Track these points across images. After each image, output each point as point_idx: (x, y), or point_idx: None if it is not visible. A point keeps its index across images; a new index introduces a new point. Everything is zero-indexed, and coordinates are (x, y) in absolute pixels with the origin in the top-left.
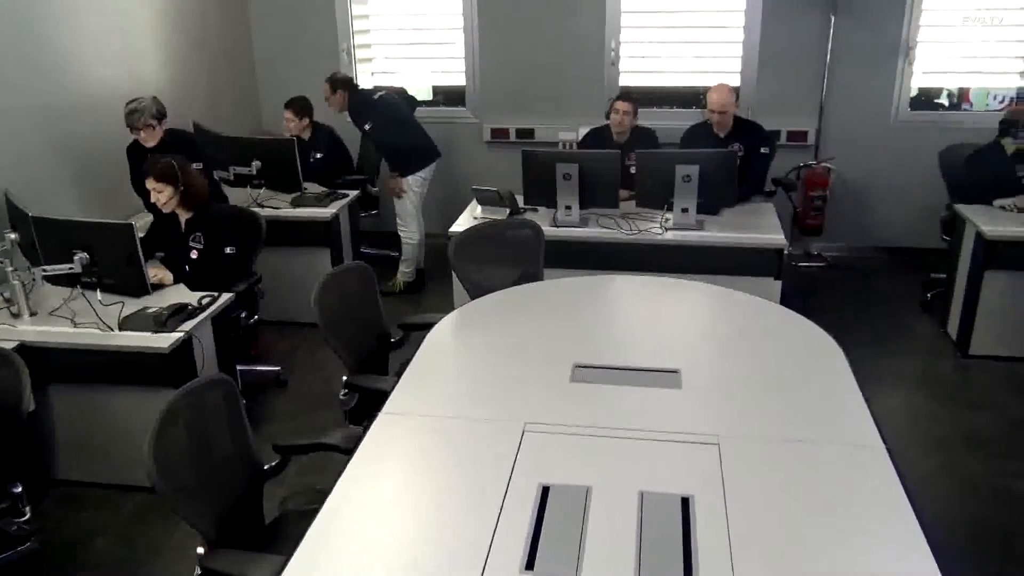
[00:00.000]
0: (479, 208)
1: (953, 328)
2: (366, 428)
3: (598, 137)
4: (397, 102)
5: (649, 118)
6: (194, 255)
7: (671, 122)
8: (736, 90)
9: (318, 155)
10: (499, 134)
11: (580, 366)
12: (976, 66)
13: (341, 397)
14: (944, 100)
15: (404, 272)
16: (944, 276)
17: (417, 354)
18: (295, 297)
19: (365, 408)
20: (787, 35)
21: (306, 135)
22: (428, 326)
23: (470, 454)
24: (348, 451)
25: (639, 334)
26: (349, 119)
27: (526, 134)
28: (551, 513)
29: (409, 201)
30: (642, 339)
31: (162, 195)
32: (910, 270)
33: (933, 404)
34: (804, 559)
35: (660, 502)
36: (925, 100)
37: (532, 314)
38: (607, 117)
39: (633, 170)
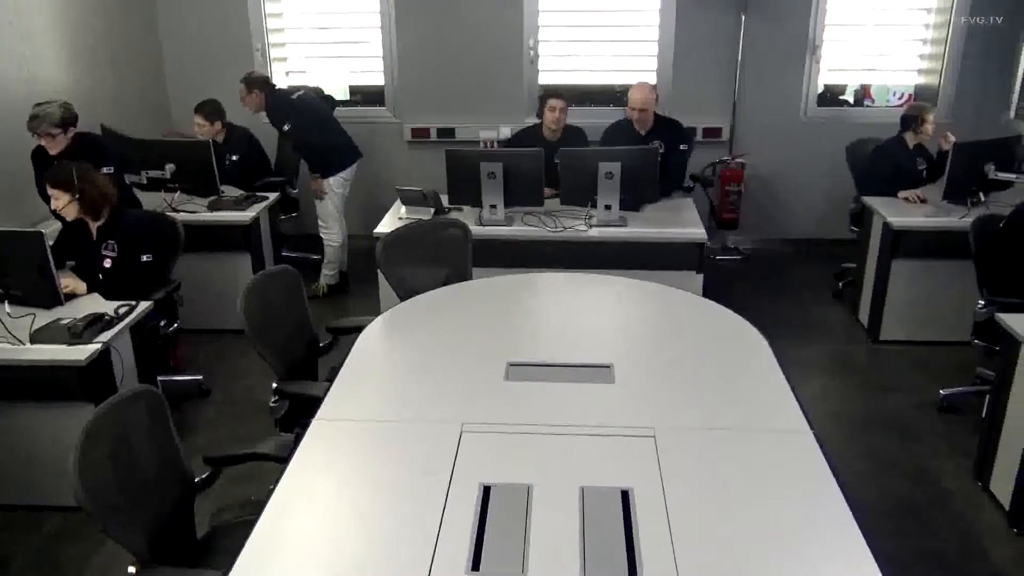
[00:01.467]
0: (403, 208)
1: (864, 315)
2: (299, 435)
3: (529, 136)
4: (316, 102)
5: (569, 116)
6: (107, 264)
7: (591, 120)
8: (654, 88)
9: (234, 157)
10: (420, 134)
11: (514, 364)
12: (877, 64)
13: (271, 404)
14: (848, 97)
15: (327, 275)
16: (854, 266)
17: (348, 358)
18: (215, 304)
19: (296, 415)
20: (700, 34)
21: (220, 138)
22: (358, 329)
23: (409, 457)
24: (283, 460)
25: (570, 330)
26: (266, 120)
27: (447, 133)
28: (494, 513)
29: (331, 202)
30: (573, 335)
31: (58, 202)
32: (821, 261)
33: (849, 388)
34: (742, 544)
35: (601, 496)
36: (830, 97)
37: (463, 314)
38: (538, 116)
39: None
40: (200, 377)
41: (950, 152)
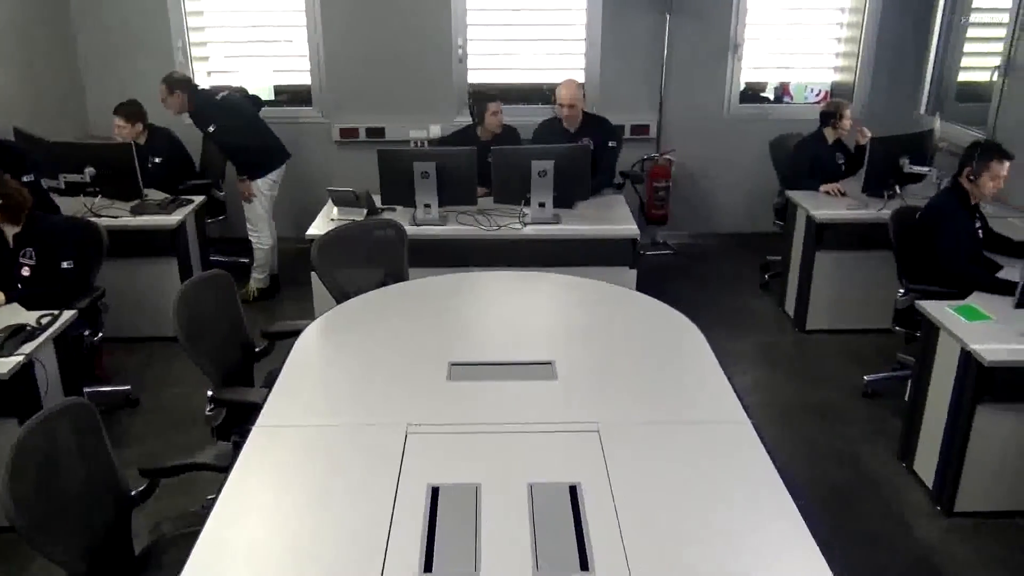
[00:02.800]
0: (335, 210)
1: (790, 306)
2: (237, 444)
3: (463, 136)
4: (242, 102)
5: None
6: (26, 272)
7: (520, 118)
8: (582, 85)
9: (156, 160)
10: (348, 134)
11: (456, 364)
12: (795, 62)
13: (207, 413)
14: (769, 94)
15: (257, 279)
16: (779, 258)
17: (287, 363)
18: (142, 311)
19: (233, 423)
20: (626, 33)
21: (141, 140)
22: (294, 333)
23: (354, 461)
24: (223, 469)
25: (509, 328)
26: (189, 121)
27: (376, 133)
28: (443, 513)
29: (260, 205)
30: (513, 333)
31: None
32: (748, 254)
33: (778, 377)
34: (688, 533)
35: (549, 492)
36: (752, 94)
37: (401, 315)
38: (473, 117)
39: None
40: (128, 387)
41: (868, 147)
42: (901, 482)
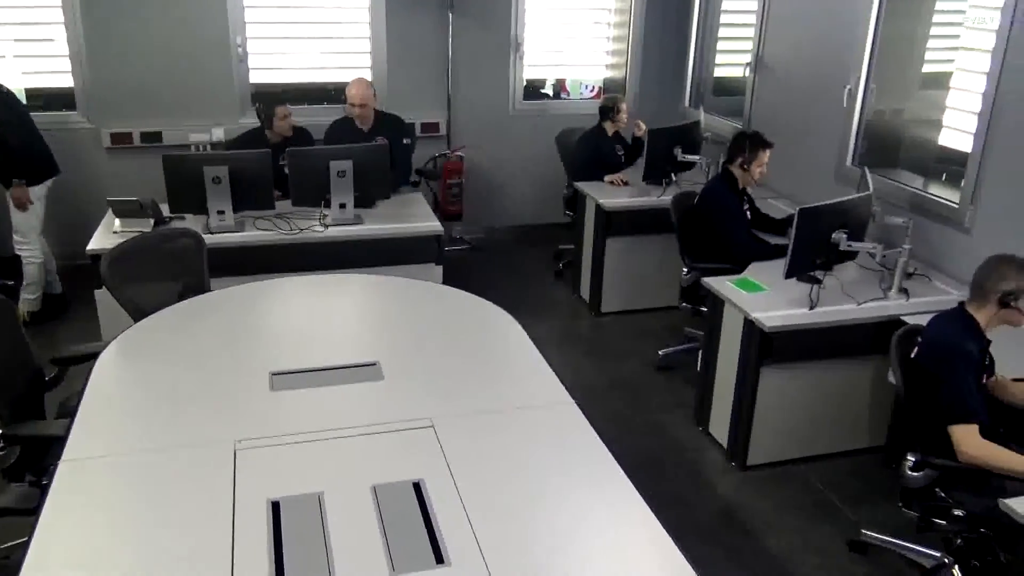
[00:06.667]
0: (117, 221)
1: (585, 291)
2: (37, 483)
3: (255, 139)
4: (13, 97)
5: None
6: None
7: (308, 119)
8: (371, 84)
9: None
10: (121, 139)
11: (277, 374)
12: (570, 60)
13: None
14: (548, 91)
15: (28, 299)
16: (571, 247)
17: (87, 389)
18: None
19: (27, 461)
20: (411, 32)
21: None
22: (90, 357)
23: (183, 486)
24: (31, 512)
25: (327, 332)
26: None
27: (153, 137)
28: (288, 527)
29: (34, 214)
30: (331, 337)
31: None
32: (541, 244)
33: (580, 359)
34: (533, 512)
35: (393, 492)
36: (533, 91)
37: (210, 328)
38: (261, 121)
39: None
40: None
41: (646, 138)
42: (699, 444)
